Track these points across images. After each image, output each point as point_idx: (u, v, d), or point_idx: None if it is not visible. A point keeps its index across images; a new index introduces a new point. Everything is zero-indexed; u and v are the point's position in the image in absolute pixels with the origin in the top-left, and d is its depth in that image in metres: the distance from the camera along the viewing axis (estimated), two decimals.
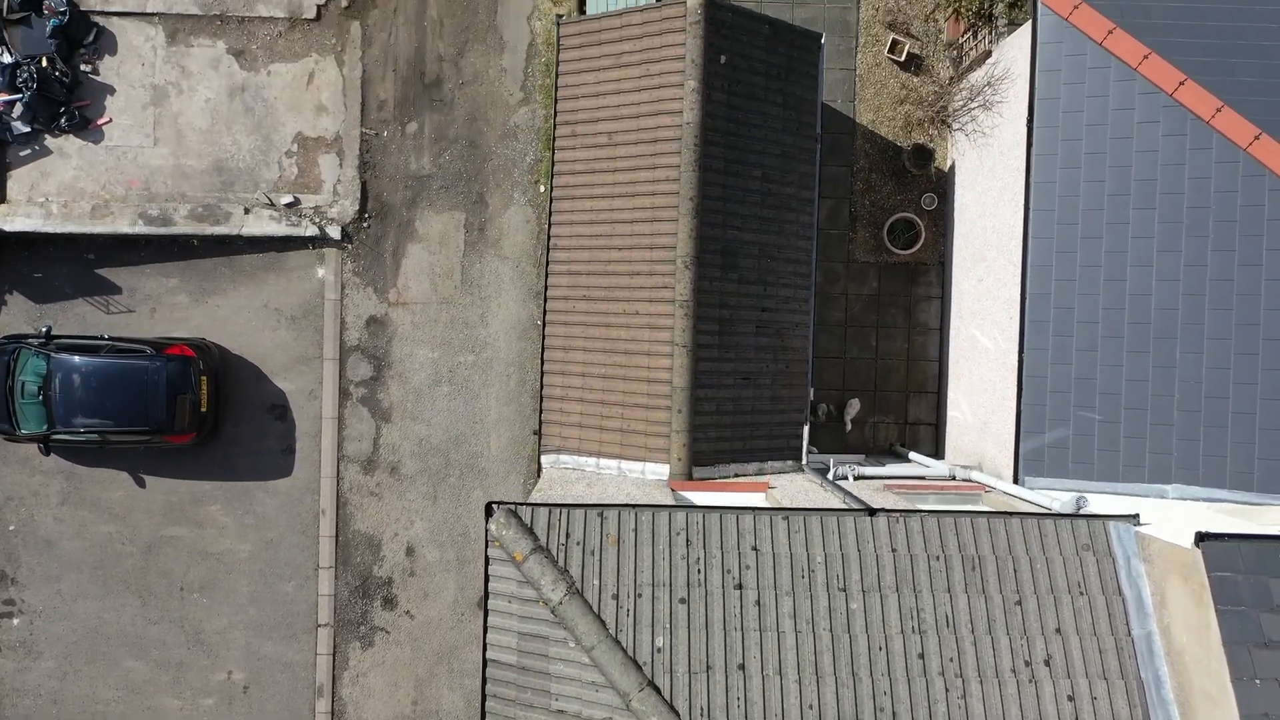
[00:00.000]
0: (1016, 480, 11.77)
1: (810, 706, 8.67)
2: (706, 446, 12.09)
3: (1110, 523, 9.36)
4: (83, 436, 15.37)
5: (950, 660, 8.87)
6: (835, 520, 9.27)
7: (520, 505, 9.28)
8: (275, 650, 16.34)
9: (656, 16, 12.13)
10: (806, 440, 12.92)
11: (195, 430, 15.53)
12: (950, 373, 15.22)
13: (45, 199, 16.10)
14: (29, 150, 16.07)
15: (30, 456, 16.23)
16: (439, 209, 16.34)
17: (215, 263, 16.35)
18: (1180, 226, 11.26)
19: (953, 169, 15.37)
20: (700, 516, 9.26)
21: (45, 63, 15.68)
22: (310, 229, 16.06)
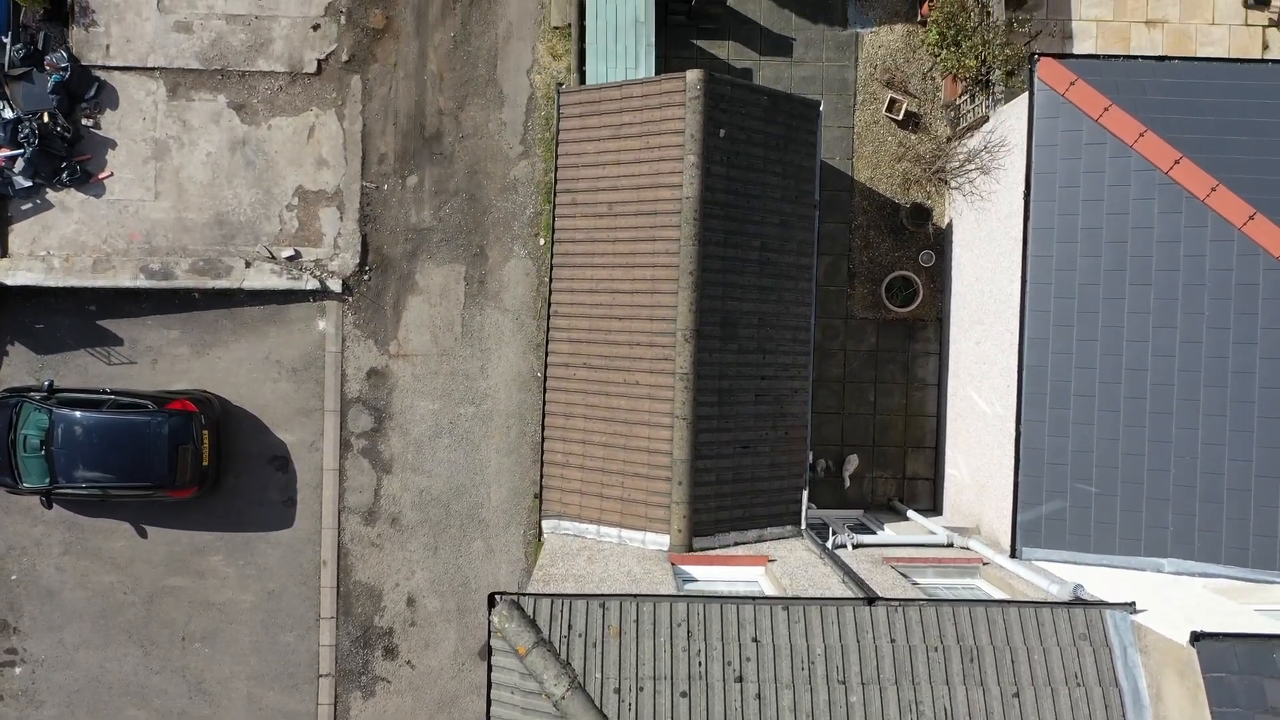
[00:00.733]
0: (1014, 552, 11.85)
1: None
2: (706, 517, 12.16)
3: (1107, 611, 9.46)
4: (85, 491, 15.46)
5: None
6: (835, 610, 9.37)
7: (522, 596, 9.37)
8: (277, 700, 16.43)
9: (656, 90, 12.18)
10: (805, 505, 13.00)
11: (197, 485, 15.62)
12: (948, 430, 15.29)
13: (47, 253, 16.15)
14: (31, 204, 16.13)
15: (32, 507, 16.31)
16: (439, 262, 16.41)
17: (216, 315, 16.43)
18: (1176, 303, 11.34)
19: (950, 227, 15.44)
20: (701, 607, 9.35)
21: (47, 118, 15.72)
22: (311, 282, 16.13)
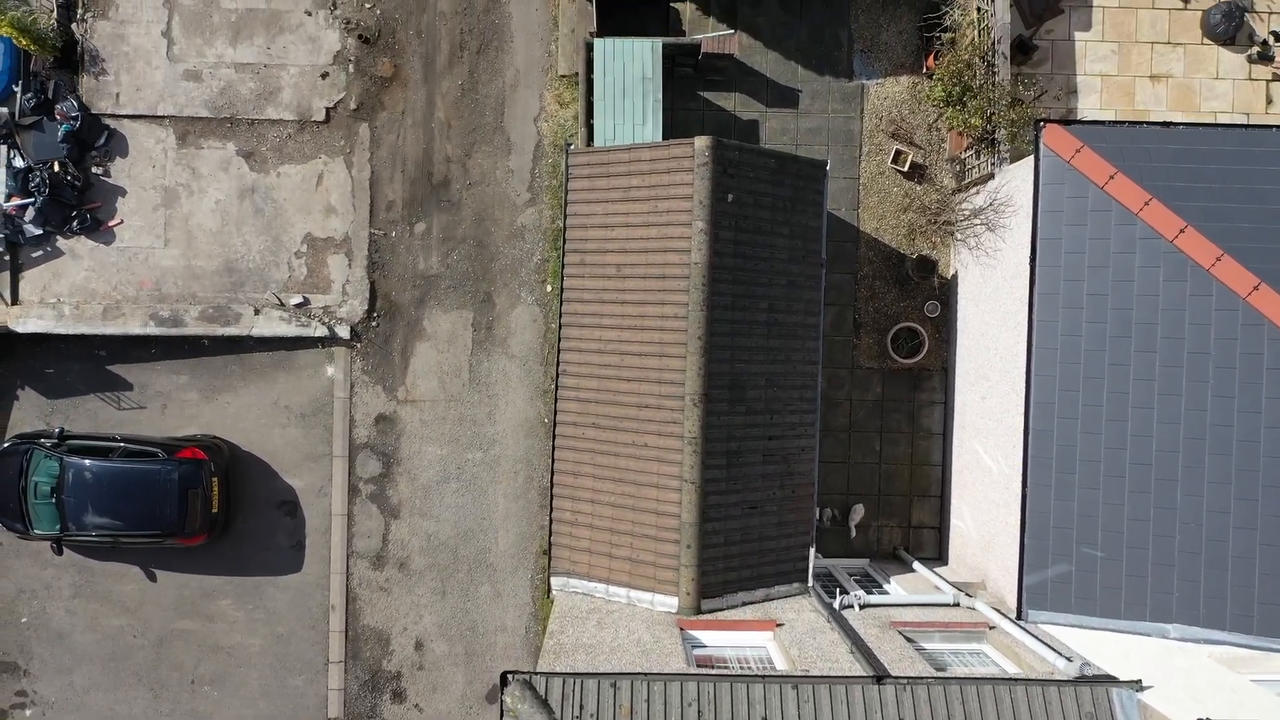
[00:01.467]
0: (1020, 614, 11.93)
1: None
2: (714, 578, 12.25)
3: (1113, 689, 9.55)
4: (95, 538, 15.57)
5: None
6: (844, 689, 9.45)
7: (534, 675, 9.46)
8: None
9: (665, 154, 12.26)
10: (812, 563, 13.09)
11: (206, 532, 15.73)
12: (954, 481, 15.37)
13: (57, 300, 16.26)
14: (41, 252, 16.23)
15: (43, 550, 16.43)
16: (447, 308, 16.51)
17: (225, 360, 16.53)
18: (1181, 371, 11.41)
19: (955, 278, 15.51)
20: (711, 686, 9.44)
21: (57, 167, 15.83)
22: (320, 329, 16.23)
